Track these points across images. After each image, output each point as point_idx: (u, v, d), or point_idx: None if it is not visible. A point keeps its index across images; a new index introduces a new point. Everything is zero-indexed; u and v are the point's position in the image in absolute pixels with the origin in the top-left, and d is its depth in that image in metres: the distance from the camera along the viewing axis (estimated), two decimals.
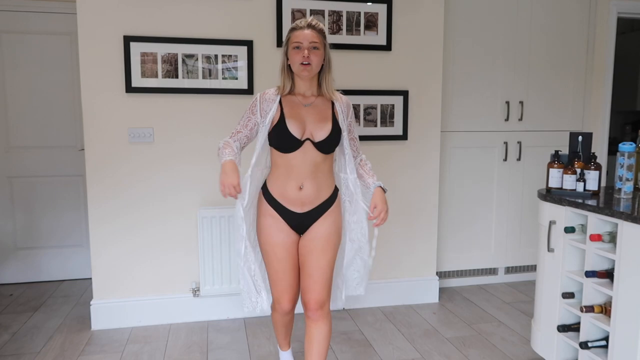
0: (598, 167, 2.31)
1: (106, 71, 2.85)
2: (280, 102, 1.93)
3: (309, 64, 1.85)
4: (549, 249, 2.37)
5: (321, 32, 1.90)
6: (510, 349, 2.76)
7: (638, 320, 1.88)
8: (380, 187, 1.97)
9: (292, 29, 1.91)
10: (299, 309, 2.14)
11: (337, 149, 2.05)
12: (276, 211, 1.95)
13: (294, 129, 1.87)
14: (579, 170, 2.33)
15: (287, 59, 1.92)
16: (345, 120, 2.01)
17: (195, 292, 3.06)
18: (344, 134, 1.99)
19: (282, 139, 1.88)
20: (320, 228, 1.97)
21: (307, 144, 1.89)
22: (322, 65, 1.92)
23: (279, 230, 1.95)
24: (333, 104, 1.98)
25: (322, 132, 1.91)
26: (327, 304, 2.02)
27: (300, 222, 1.97)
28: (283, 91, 1.93)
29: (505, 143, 3.72)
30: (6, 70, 3.60)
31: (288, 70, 1.93)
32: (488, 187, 3.75)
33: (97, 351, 2.70)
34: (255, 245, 2.04)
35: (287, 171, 1.92)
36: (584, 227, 2.24)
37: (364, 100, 3.19)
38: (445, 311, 3.30)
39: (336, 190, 2.03)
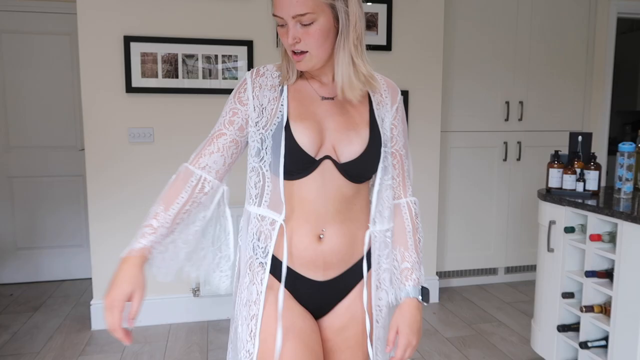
0: (598, 167, 2.31)
1: (106, 71, 2.86)
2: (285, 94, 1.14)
3: (302, 52, 1.07)
4: (549, 249, 2.37)
5: None
6: (510, 349, 2.76)
7: (638, 320, 1.88)
8: (417, 297, 1.18)
9: None
10: None
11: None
12: (280, 281, 1.13)
13: (304, 137, 1.09)
14: (578, 170, 2.33)
15: None
16: (387, 119, 1.19)
17: (195, 292, 3.06)
18: (383, 148, 1.16)
19: (287, 156, 1.08)
20: (355, 306, 1.18)
21: (327, 165, 1.11)
22: (339, 34, 1.08)
23: (287, 312, 1.12)
24: (370, 96, 1.18)
25: (352, 146, 1.12)
26: None
27: (320, 298, 1.17)
28: (287, 79, 1.15)
29: (505, 143, 3.72)
30: (6, 70, 3.60)
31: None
32: (488, 187, 3.75)
33: (97, 351, 2.70)
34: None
35: (296, 209, 1.12)
36: (583, 227, 2.24)
37: None
38: (445, 311, 3.30)
39: None
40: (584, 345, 2.14)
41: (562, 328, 2.29)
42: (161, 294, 3.05)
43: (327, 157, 1.11)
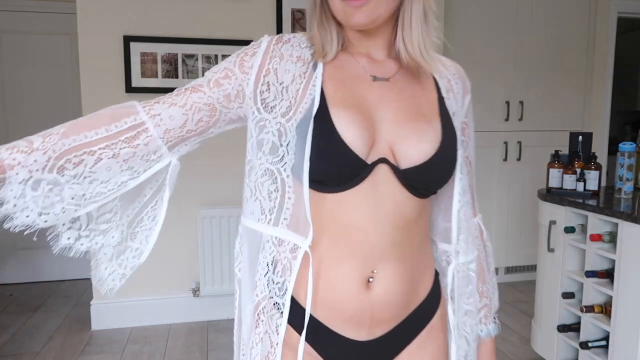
0: (598, 167, 2.31)
1: (106, 71, 2.85)
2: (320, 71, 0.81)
3: None
4: (549, 249, 2.37)
5: None
6: (510, 349, 2.76)
7: (638, 320, 1.88)
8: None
9: None
10: None
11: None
12: (308, 341, 0.80)
13: (351, 131, 0.76)
14: (579, 170, 2.33)
15: None
16: (459, 115, 0.90)
17: (195, 292, 3.06)
18: (459, 151, 0.86)
19: (322, 155, 0.75)
20: None
21: (382, 173, 0.78)
22: None
23: None
24: (436, 81, 0.89)
25: (420, 144, 0.79)
26: None
27: None
28: (323, 55, 0.81)
29: (505, 143, 3.72)
30: (6, 70, 3.60)
31: (329, 11, 0.80)
32: (488, 187, 3.75)
33: (97, 351, 2.70)
34: None
35: (332, 235, 0.79)
36: (584, 227, 2.24)
37: None
38: None
39: (438, 281, 0.91)
40: (584, 345, 2.14)
41: (562, 328, 2.29)
42: (161, 294, 3.05)
43: (382, 160, 0.77)
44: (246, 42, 2.96)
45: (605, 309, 2.10)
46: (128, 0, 2.84)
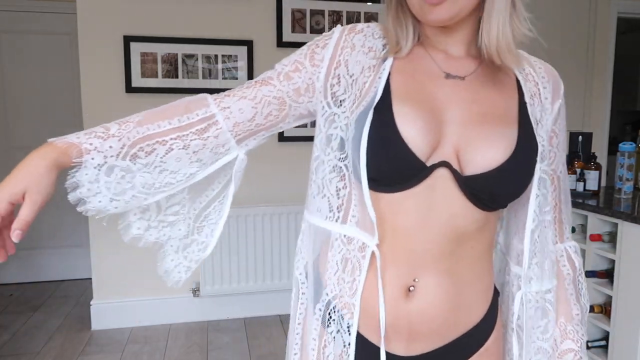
0: (598, 167, 2.32)
1: (106, 71, 2.86)
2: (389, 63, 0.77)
3: None
4: None
5: None
6: None
7: (638, 320, 1.88)
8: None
9: None
10: None
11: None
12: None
13: (413, 129, 0.70)
14: (579, 170, 2.33)
15: None
16: (545, 122, 0.81)
17: (195, 292, 3.06)
18: (539, 164, 0.75)
19: (377, 151, 0.71)
20: None
21: (441, 178, 0.72)
22: None
23: None
24: (519, 84, 0.82)
25: (489, 150, 0.72)
26: None
27: None
28: (397, 50, 0.76)
29: None
30: (6, 70, 3.60)
31: (406, 4, 0.75)
32: None
33: (97, 351, 2.70)
34: None
35: (384, 241, 0.75)
36: (584, 227, 2.24)
37: None
38: None
39: (496, 302, 0.83)
40: None
41: None
42: (161, 294, 3.05)
43: (443, 163, 0.71)
44: (246, 42, 2.96)
45: (605, 309, 2.11)
46: (128, 0, 2.84)
